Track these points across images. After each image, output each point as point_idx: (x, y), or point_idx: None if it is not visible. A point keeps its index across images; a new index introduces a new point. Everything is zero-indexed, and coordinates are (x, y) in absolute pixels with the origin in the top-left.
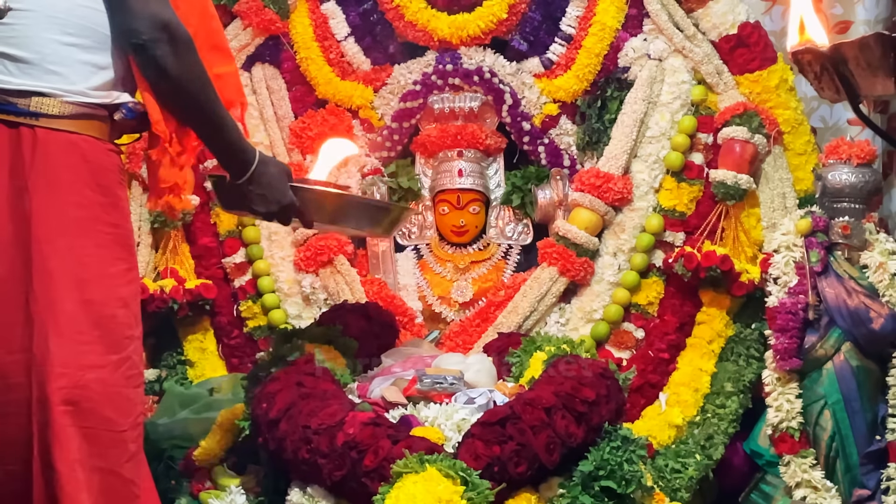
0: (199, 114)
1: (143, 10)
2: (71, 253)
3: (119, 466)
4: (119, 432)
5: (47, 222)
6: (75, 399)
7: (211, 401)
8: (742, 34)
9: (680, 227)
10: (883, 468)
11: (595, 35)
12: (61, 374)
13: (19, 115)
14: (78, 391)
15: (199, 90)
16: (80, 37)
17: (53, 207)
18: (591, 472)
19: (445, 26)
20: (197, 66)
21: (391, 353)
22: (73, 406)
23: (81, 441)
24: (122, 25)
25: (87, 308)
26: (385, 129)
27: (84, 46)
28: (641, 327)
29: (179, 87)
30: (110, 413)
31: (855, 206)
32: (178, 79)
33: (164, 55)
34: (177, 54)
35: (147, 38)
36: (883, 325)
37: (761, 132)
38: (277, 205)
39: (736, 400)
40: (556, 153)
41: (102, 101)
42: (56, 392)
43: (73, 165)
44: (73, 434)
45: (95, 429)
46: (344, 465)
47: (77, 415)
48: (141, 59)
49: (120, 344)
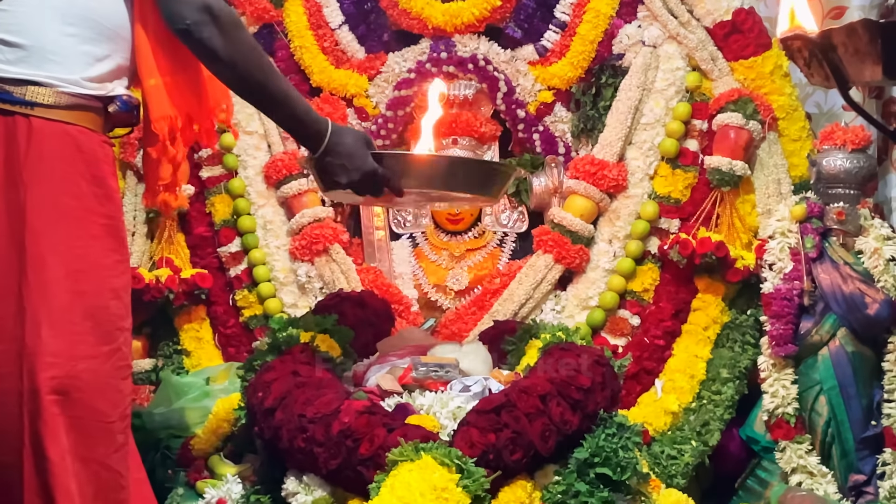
0: (258, 90)
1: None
2: (65, 243)
3: (107, 457)
4: (108, 423)
5: (41, 213)
6: (66, 389)
7: (207, 390)
8: (736, 20)
9: (675, 213)
10: (878, 453)
11: (589, 22)
12: (52, 363)
13: (14, 104)
14: (69, 381)
15: (254, 67)
16: (80, 27)
17: (48, 198)
18: (587, 459)
19: (439, 14)
20: (247, 43)
21: (387, 341)
22: (64, 396)
23: (70, 431)
24: (166, 11)
25: (80, 299)
26: (380, 117)
27: (83, 37)
28: (637, 314)
29: (233, 66)
30: (100, 404)
31: (850, 191)
32: (229, 58)
33: (210, 37)
34: (224, 34)
35: (191, 22)
36: (878, 310)
37: (756, 118)
38: (359, 172)
39: (732, 386)
40: (551, 140)
41: (97, 92)
42: (47, 382)
43: (68, 156)
44: (63, 423)
45: (84, 419)
46: (339, 454)
47: (67, 404)
48: (188, 43)
49: (111, 335)
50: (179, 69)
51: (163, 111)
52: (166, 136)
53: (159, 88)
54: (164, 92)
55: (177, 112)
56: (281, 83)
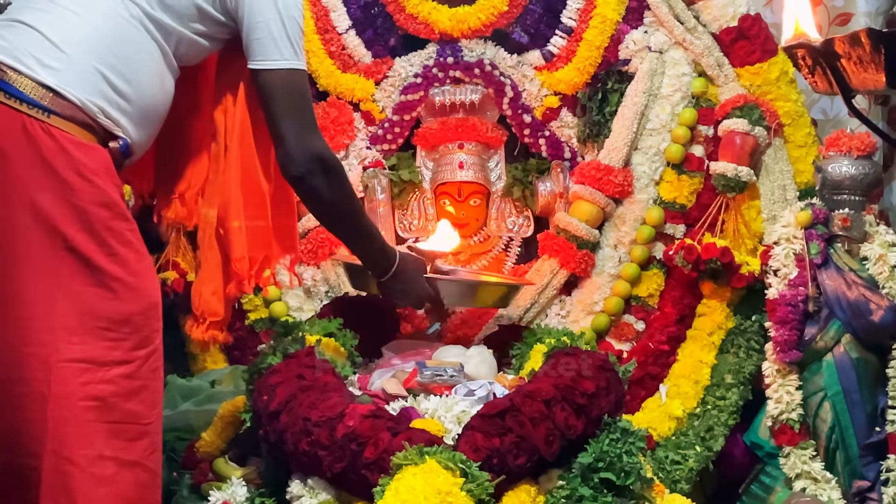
0: (348, 229)
1: (299, 145)
2: (101, 249)
3: (146, 459)
4: (145, 425)
5: (73, 218)
6: (101, 394)
7: (213, 393)
8: (742, 26)
9: (680, 219)
10: (883, 459)
11: (596, 27)
12: (86, 369)
13: (32, 107)
14: (103, 386)
15: (351, 211)
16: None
17: (77, 205)
18: (591, 464)
19: (446, 19)
20: (346, 189)
21: (392, 345)
22: (100, 402)
23: (110, 437)
24: (281, 158)
25: (115, 304)
26: (386, 121)
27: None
28: (642, 319)
29: (333, 210)
30: (137, 407)
31: (855, 198)
32: (331, 204)
33: (319, 185)
34: (330, 183)
35: (304, 171)
36: (883, 317)
37: (762, 124)
38: (417, 298)
39: (736, 392)
40: (557, 145)
41: (102, 121)
42: (79, 388)
43: (101, 169)
44: (102, 430)
45: (123, 423)
46: (344, 457)
47: (104, 410)
48: (298, 188)
49: (149, 338)
50: (261, 216)
51: (241, 252)
52: (244, 275)
53: (241, 231)
54: (244, 235)
55: (255, 254)
56: (366, 222)
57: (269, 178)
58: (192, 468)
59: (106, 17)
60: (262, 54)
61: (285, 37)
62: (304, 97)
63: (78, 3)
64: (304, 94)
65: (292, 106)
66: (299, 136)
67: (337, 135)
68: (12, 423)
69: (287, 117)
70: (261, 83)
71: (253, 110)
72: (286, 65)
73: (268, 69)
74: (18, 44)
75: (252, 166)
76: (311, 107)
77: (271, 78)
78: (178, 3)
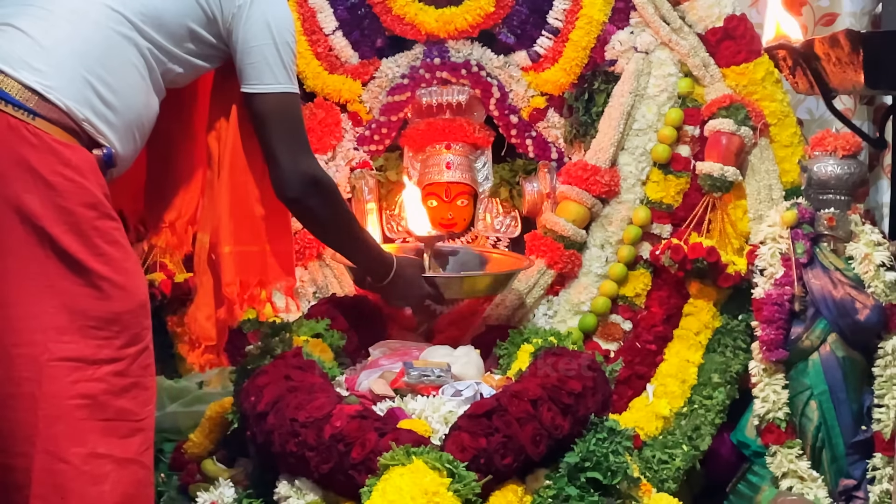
0: (346, 244)
1: (293, 167)
2: (88, 249)
3: (141, 455)
4: (138, 421)
5: (59, 219)
6: (92, 393)
7: (200, 394)
8: (728, 27)
9: (667, 219)
10: (869, 458)
11: (582, 28)
12: (76, 367)
13: (17, 109)
14: (93, 385)
15: (346, 227)
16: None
17: (63, 206)
18: (577, 463)
19: (433, 20)
20: (341, 208)
21: (379, 345)
22: (91, 400)
23: (103, 435)
24: (276, 181)
25: (106, 304)
26: (373, 122)
27: (101, 97)
28: (629, 319)
29: (329, 228)
30: (128, 404)
31: (840, 197)
32: (327, 222)
33: (314, 206)
34: (325, 203)
35: (299, 193)
36: (868, 315)
37: (747, 124)
38: (415, 299)
39: (723, 391)
40: (544, 146)
41: (87, 128)
42: (69, 386)
43: (67, 166)
44: (95, 428)
45: (115, 420)
46: (331, 458)
47: (95, 408)
48: (294, 209)
49: (139, 336)
50: (254, 241)
51: (231, 277)
52: (235, 299)
53: (231, 256)
54: (234, 260)
55: (247, 279)
56: (362, 234)
57: (264, 203)
58: (179, 469)
59: (98, 29)
60: (257, 78)
61: (279, 61)
62: (297, 120)
63: (73, 13)
64: (298, 116)
65: (286, 129)
66: (293, 158)
67: (324, 136)
68: (1, 423)
69: (281, 140)
70: (255, 106)
71: (245, 135)
72: (280, 88)
73: (262, 93)
74: (8, 47)
75: (244, 191)
76: (304, 129)
77: (265, 101)
78: (170, 23)
